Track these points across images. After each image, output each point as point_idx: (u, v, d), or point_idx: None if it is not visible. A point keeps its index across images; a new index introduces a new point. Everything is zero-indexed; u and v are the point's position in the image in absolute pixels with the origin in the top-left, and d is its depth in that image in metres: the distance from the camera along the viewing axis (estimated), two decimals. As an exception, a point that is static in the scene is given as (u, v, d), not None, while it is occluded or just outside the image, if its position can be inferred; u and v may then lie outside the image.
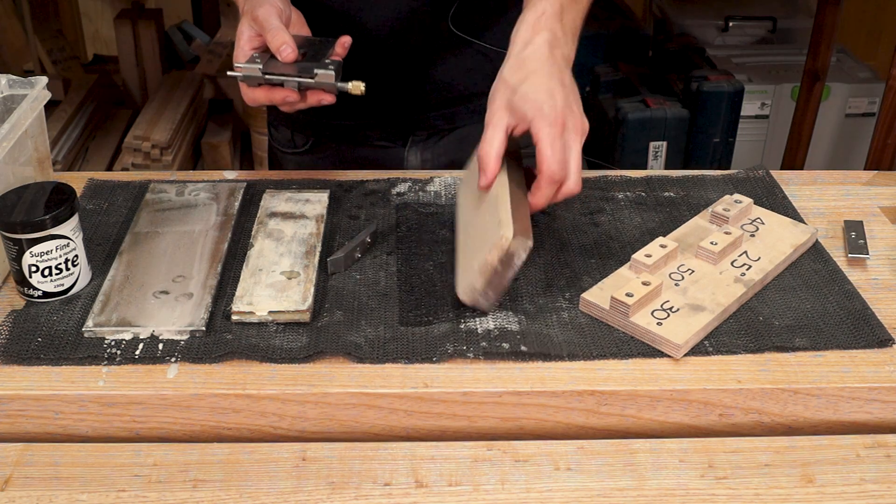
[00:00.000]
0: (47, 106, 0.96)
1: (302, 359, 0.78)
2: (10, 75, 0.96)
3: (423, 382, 0.76)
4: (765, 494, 0.70)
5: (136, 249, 0.90)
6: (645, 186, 1.04)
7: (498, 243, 0.78)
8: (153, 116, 2.41)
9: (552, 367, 0.78)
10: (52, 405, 0.75)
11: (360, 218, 0.98)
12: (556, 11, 0.87)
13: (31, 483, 0.70)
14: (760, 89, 2.46)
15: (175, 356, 0.78)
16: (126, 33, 2.63)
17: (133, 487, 0.70)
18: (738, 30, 2.73)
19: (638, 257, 0.87)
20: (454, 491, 0.70)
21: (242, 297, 0.83)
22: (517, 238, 0.78)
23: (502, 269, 0.80)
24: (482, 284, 0.81)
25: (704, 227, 0.94)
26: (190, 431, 0.77)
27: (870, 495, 0.70)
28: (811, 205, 1.02)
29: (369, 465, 0.72)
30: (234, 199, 0.99)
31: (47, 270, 0.83)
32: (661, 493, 0.70)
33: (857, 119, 2.51)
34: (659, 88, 2.45)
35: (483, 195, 0.87)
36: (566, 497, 0.69)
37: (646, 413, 0.77)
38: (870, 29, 2.94)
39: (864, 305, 0.85)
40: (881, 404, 0.78)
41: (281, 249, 0.90)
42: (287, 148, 1.20)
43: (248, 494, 0.69)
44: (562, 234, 0.95)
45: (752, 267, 0.88)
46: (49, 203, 0.83)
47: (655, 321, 0.80)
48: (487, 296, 0.82)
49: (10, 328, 0.81)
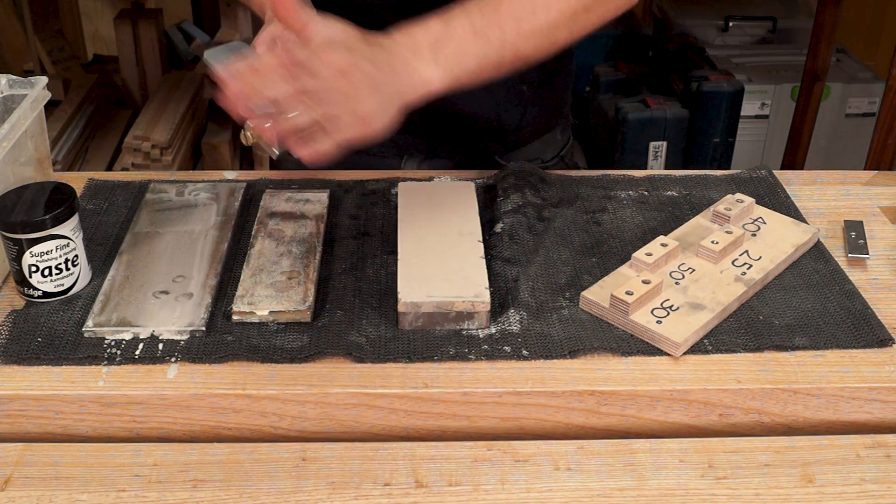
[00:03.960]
0: (47, 106, 0.96)
1: (302, 359, 0.78)
2: (10, 75, 0.96)
3: (423, 382, 0.76)
4: (765, 494, 0.70)
5: (136, 249, 0.90)
6: (647, 186, 1.04)
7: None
8: (153, 116, 2.40)
9: (552, 367, 0.78)
10: (52, 405, 0.75)
11: (360, 218, 0.98)
12: (453, 36, 0.79)
13: (31, 483, 0.70)
14: (760, 89, 2.46)
15: (175, 356, 0.78)
16: (126, 33, 2.63)
17: (133, 487, 0.69)
18: (738, 30, 2.73)
19: (638, 256, 0.87)
20: (454, 491, 0.70)
21: (243, 296, 0.83)
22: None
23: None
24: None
25: (706, 227, 0.94)
26: (190, 431, 0.77)
27: (870, 495, 0.70)
28: (811, 205, 1.02)
29: (369, 465, 0.72)
30: (234, 199, 0.99)
31: (47, 270, 0.83)
32: (661, 493, 0.70)
33: (857, 119, 2.51)
34: (659, 88, 2.45)
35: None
36: (566, 497, 0.69)
37: (646, 413, 0.77)
38: (870, 29, 2.94)
39: (865, 305, 0.85)
40: (881, 404, 0.78)
41: (281, 249, 0.90)
42: (283, 151, 1.19)
43: (248, 494, 0.69)
44: (563, 232, 0.95)
45: (752, 266, 0.88)
46: (49, 203, 0.83)
47: (655, 319, 0.80)
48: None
49: (10, 328, 0.81)
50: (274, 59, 0.73)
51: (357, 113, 0.74)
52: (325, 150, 0.75)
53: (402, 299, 0.81)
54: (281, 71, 0.73)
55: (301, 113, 0.73)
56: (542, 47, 0.85)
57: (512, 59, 0.83)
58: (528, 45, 0.83)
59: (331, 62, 0.73)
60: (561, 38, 0.85)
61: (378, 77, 0.75)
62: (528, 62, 0.85)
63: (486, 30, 0.80)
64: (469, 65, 0.80)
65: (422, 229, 0.91)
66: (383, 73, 0.76)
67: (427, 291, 0.81)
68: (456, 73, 0.80)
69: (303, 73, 0.73)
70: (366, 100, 0.74)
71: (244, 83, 0.73)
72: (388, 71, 0.76)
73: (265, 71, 0.73)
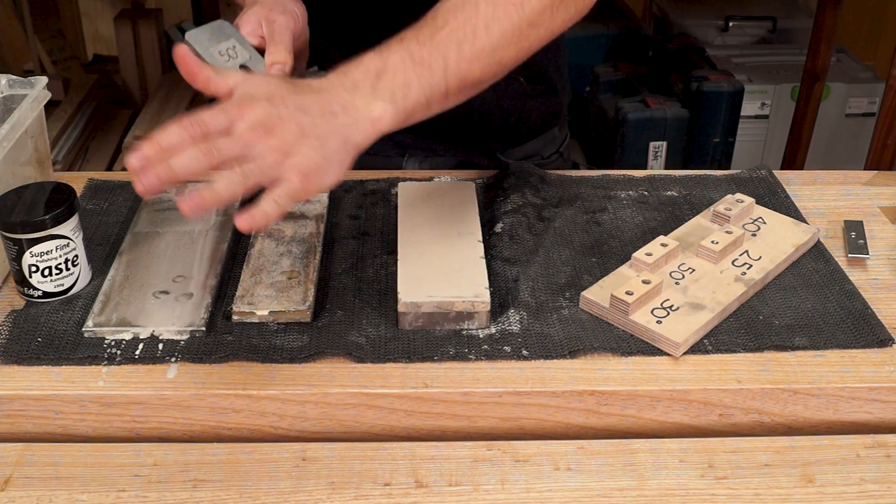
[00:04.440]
0: (47, 106, 0.96)
1: (302, 359, 0.78)
2: (10, 75, 0.96)
3: (423, 382, 0.76)
4: (765, 494, 0.70)
5: (136, 249, 0.90)
6: (647, 186, 1.04)
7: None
8: (153, 116, 2.40)
9: (552, 367, 0.78)
10: (52, 405, 0.75)
11: (360, 218, 0.98)
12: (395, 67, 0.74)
13: (31, 483, 0.70)
14: (760, 89, 2.46)
15: (175, 356, 0.78)
16: (126, 33, 2.63)
17: (133, 487, 0.69)
18: (738, 30, 2.72)
19: (638, 256, 0.87)
20: (454, 491, 0.70)
21: (243, 296, 0.83)
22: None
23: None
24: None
25: (706, 227, 0.94)
26: (190, 431, 0.77)
27: (870, 495, 0.70)
28: (811, 205, 1.02)
29: (369, 465, 0.72)
30: (234, 198, 0.99)
31: (47, 270, 0.83)
32: (661, 493, 0.70)
33: (857, 119, 2.51)
34: (659, 88, 2.44)
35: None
36: (566, 497, 0.69)
37: (646, 413, 0.77)
38: (870, 29, 2.93)
39: (865, 305, 0.85)
40: (881, 404, 0.78)
41: (281, 249, 0.90)
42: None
43: (248, 494, 0.69)
44: (563, 232, 0.95)
45: (752, 266, 0.88)
46: (49, 203, 0.83)
47: (655, 319, 0.80)
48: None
49: (10, 328, 0.81)
50: (182, 131, 0.67)
51: (299, 168, 0.68)
52: (270, 212, 0.67)
53: (402, 299, 0.81)
54: (192, 142, 0.66)
55: (226, 179, 0.66)
56: (489, 69, 0.79)
57: (459, 86, 0.78)
58: (473, 70, 0.78)
59: (250, 119, 0.67)
60: (508, 57, 0.80)
61: (312, 125, 0.69)
62: (480, 86, 0.81)
63: (426, 58, 0.75)
64: (414, 97, 0.75)
65: (422, 229, 0.91)
66: (318, 120, 0.70)
67: (427, 291, 0.81)
68: (403, 106, 0.74)
69: (219, 139, 0.66)
70: (304, 152, 0.68)
71: (154, 165, 0.65)
72: (325, 116, 0.70)
73: (175, 146, 0.66)
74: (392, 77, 0.74)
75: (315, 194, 0.71)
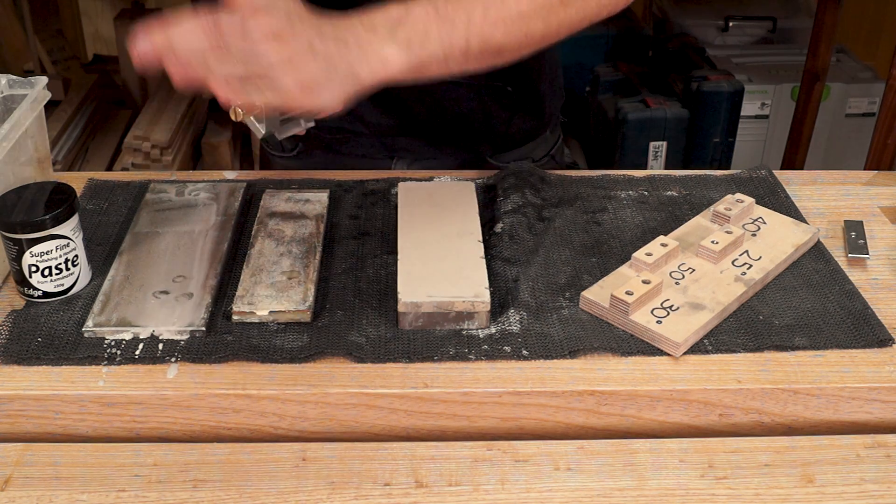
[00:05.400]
0: (47, 106, 0.96)
1: (302, 359, 0.78)
2: (10, 75, 0.96)
3: (423, 382, 0.76)
4: (765, 494, 0.70)
5: (136, 249, 0.90)
6: (647, 186, 1.04)
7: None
8: (153, 116, 2.40)
9: (552, 367, 0.78)
10: (52, 405, 0.75)
11: (360, 218, 0.98)
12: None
13: (31, 483, 0.70)
14: (760, 89, 2.46)
15: (175, 356, 0.78)
16: (126, 33, 2.62)
17: (133, 487, 0.69)
18: (738, 30, 2.73)
19: (638, 256, 0.87)
20: (454, 491, 0.70)
21: (243, 296, 0.83)
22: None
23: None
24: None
25: (706, 227, 0.94)
26: (190, 431, 0.77)
27: (870, 495, 0.70)
28: (811, 205, 1.02)
29: (369, 465, 0.72)
30: (234, 199, 0.99)
31: (47, 270, 0.83)
32: (661, 493, 0.70)
33: (856, 119, 2.51)
34: (659, 88, 2.44)
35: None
36: (566, 497, 0.69)
37: (646, 413, 0.77)
38: (870, 29, 2.93)
39: (865, 305, 0.85)
40: (881, 404, 0.78)
41: (281, 249, 0.90)
42: (276, 151, 1.19)
43: (248, 494, 0.69)
44: (563, 232, 0.95)
45: (752, 266, 0.88)
46: (49, 203, 0.83)
47: (655, 319, 0.80)
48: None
49: (10, 328, 0.81)
50: (194, 21, 0.67)
51: (298, 80, 0.68)
52: (258, 102, 0.69)
53: (402, 299, 0.81)
54: (203, 31, 0.67)
55: (226, 65, 0.67)
56: (513, 37, 0.78)
57: (481, 47, 0.76)
58: (497, 33, 0.76)
59: (263, 25, 0.67)
60: (536, 29, 0.79)
61: (323, 46, 0.69)
62: (502, 54, 0.80)
63: (451, 14, 0.74)
64: (432, 48, 0.74)
65: (422, 229, 0.91)
66: (330, 44, 0.70)
67: (427, 291, 0.81)
68: (418, 55, 0.73)
69: (231, 34, 0.67)
70: (308, 66, 0.68)
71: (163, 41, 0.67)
72: (337, 43, 0.70)
73: (186, 30, 0.67)
74: (412, 26, 0.73)
75: (305, 112, 0.71)
